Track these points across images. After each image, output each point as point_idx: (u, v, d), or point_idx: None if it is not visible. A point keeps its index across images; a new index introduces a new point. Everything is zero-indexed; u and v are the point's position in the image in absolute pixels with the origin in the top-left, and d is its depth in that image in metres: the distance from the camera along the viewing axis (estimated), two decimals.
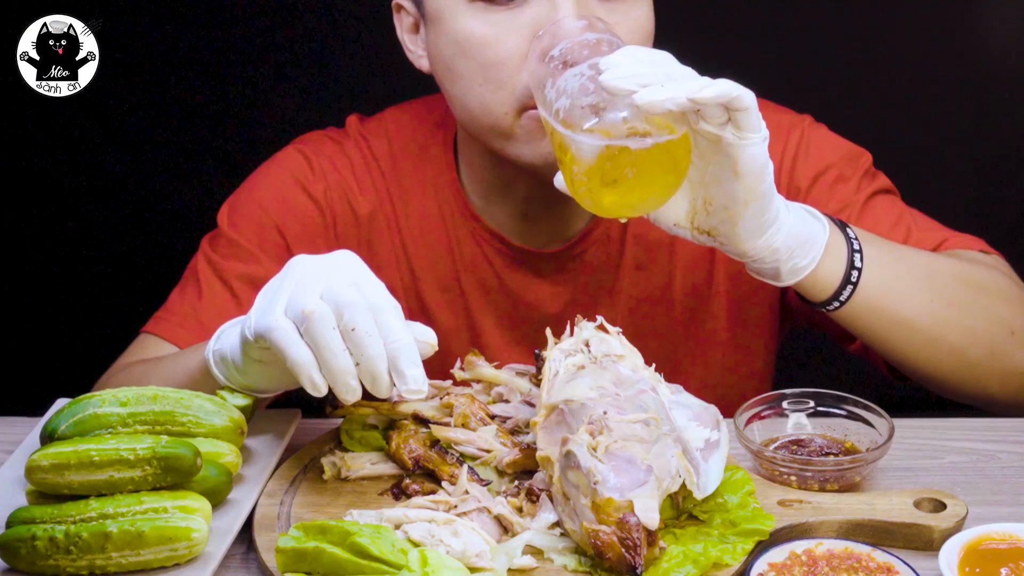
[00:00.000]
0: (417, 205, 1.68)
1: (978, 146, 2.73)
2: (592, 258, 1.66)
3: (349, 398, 1.26)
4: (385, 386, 1.26)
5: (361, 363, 1.25)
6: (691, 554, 1.20)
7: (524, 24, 1.45)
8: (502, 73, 1.47)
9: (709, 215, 1.34)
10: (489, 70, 1.48)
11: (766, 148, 1.29)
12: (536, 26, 1.44)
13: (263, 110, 2.93)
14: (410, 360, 1.26)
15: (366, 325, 1.24)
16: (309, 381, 1.25)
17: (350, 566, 1.16)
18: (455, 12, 1.48)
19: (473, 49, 1.48)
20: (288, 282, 1.28)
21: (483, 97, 1.50)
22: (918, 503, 1.29)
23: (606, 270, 1.66)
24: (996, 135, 2.72)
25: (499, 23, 1.46)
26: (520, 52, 1.46)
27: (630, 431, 1.24)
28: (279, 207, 1.67)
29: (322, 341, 1.24)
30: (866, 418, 1.40)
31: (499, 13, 1.46)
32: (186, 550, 1.21)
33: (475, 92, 1.50)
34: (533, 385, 1.42)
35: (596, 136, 1.26)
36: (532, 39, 1.43)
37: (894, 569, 1.18)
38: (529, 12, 1.45)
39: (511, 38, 1.46)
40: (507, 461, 1.34)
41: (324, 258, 1.31)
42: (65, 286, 3.07)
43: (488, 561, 1.20)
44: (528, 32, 1.44)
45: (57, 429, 1.28)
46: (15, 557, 1.20)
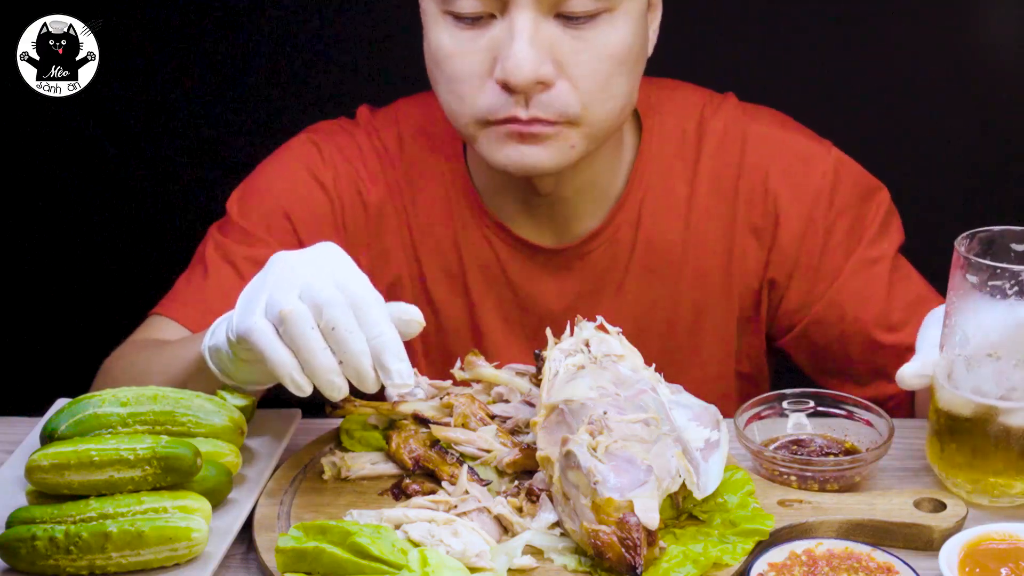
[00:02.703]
0: (426, 196, 1.68)
1: (978, 146, 2.73)
2: (599, 258, 1.66)
3: (335, 395, 1.24)
4: (371, 381, 1.24)
5: (344, 360, 1.23)
6: (691, 554, 1.20)
7: (484, 46, 1.47)
8: (463, 88, 1.49)
9: None
10: (452, 83, 1.50)
11: None
12: (495, 48, 1.45)
13: (264, 110, 2.93)
14: (394, 354, 1.24)
15: (346, 322, 1.23)
16: (291, 382, 1.24)
17: (350, 566, 1.16)
18: (432, 22, 1.51)
19: (441, 61, 1.51)
20: (268, 281, 1.27)
21: (449, 106, 1.53)
22: (918, 503, 1.29)
23: (613, 271, 1.66)
24: (996, 135, 2.72)
25: (463, 40, 1.48)
26: (480, 72, 1.48)
27: (630, 431, 1.24)
28: (288, 194, 1.67)
29: (301, 341, 1.22)
30: (866, 418, 1.40)
31: (464, 31, 1.48)
32: (186, 550, 1.21)
33: (444, 100, 1.54)
34: (533, 385, 1.42)
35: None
36: (492, 61, 1.45)
37: (894, 569, 1.18)
38: (489, 34, 1.47)
39: (472, 57, 1.48)
40: (507, 461, 1.33)
41: (304, 253, 1.30)
42: (65, 286, 3.07)
43: (488, 561, 1.20)
44: (488, 54, 1.46)
45: (57, 429, 1.28)
46: (15, 557, 1.20)
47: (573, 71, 1.46)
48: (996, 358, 1.29)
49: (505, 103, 1.47)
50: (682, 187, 1.65)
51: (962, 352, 1.30)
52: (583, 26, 1.46)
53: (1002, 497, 1.32)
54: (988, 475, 1.31)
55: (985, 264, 1.27)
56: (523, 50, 1.43)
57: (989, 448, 1.30)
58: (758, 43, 2.66)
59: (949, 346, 1.31)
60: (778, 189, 1.65)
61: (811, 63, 2.63)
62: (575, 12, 1.45)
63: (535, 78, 1.44)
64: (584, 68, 1.46)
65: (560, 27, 1.45)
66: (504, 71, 1.44)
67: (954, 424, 1.32)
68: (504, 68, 1.44)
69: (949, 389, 1.32)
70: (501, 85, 1.46)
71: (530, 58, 1.43)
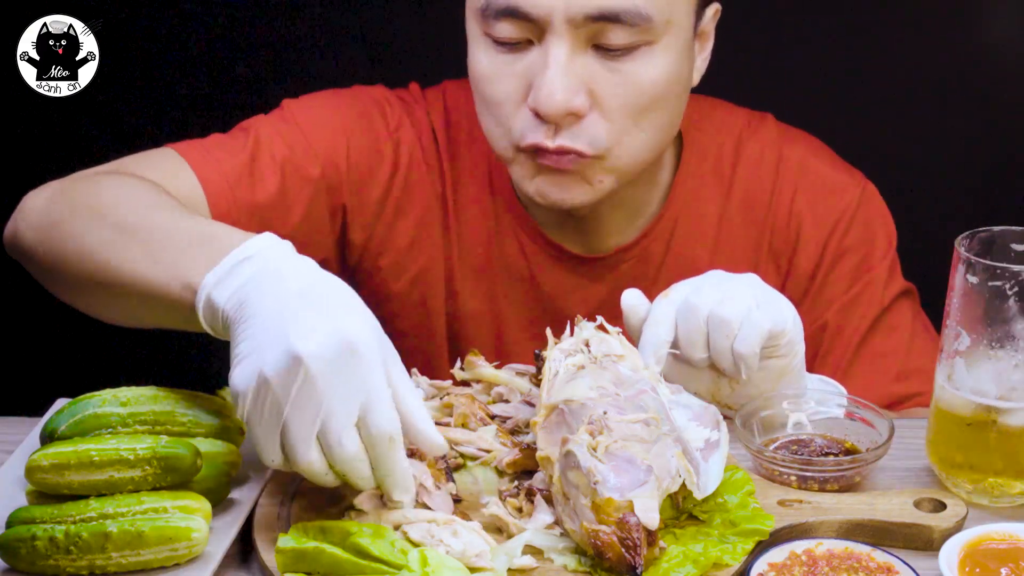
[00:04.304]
0: (466, 185, 1.68)
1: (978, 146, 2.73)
2: (628, 271, 1.66)
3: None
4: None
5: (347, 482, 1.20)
6: (691, 554, 1.20)
7: (520, 71, 1.46)
8: (499, 112, 1.49)
9: (734, 394, 1.39)
10: (489, 105, 1.50)
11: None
12: (530, 75, 1.44)
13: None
14: (402, 490, 1.20)
15: (360, 474, 1.18)
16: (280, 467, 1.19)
17: (350, 566, 1.16)
18: (474, 43, 1.51)
19: (480, 82, 1.51)
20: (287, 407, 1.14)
21: (487, 126, 1.53)
22: (918, 503, 1.29)
23: (640, 284, 1.64)
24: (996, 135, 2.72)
25: (500, 64, 1.48)
26: (515, 97, 1.47)
27: (630, 431, 1.24)
28: (359, 136, 1.64)
29: (313, 480, 1.19)
30: (866, 418, 1.40)
31: (502, 55, 1.47)
32: (186, 550, 1.20)
33: (482, 119, 1.53)
34: (533, 385, 1.42)
35: None
36: (527, 87, 1.45)
37: (894, 569, 1.18)
38: (526, 60, 1.46)
39: (508, 81, 1.48)
40: (507, 461, 1.33)
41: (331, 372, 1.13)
42: None
43: (488, 561, 1.20)
44: (524, 80, 1.46)
45: (57, 429, 1.28)
46: (15, 557, 1.20)
47: (606, 104, 1.45)
48: (996, 358, 1.29)
49: (535, 130, 1.46)
50: (715, 208, 1.65)
51: (962, 352, 1.30)
52: (620, 59, 1.44)
53: (1002, 497, 1.32)
54: (988, 475, 1.31)
55: (985, 264, 1.27)
56: (556, 80, 1.42)
57: (989, 448, 1.30)
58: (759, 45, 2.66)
59: (949, 346, 1.31)
60: (802, 213, 1.64)
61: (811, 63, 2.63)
62: (612, 45, 1.43)
63: (566, 109, 1.43)
64: (617, 101, 1.45)
65: (597, 59, 1.44)
66: (536, 99, 1.44)
67: (954, 424, 1.32)
68: (536, 97, 1.43)
69: (949, 389, 1.32)
70: (533, 112, 1.45)
71: (562, 88, 1.42)
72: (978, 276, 1.28)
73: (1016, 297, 1.27)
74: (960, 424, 1.31)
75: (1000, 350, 1.29)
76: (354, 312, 1.17)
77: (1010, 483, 1.31)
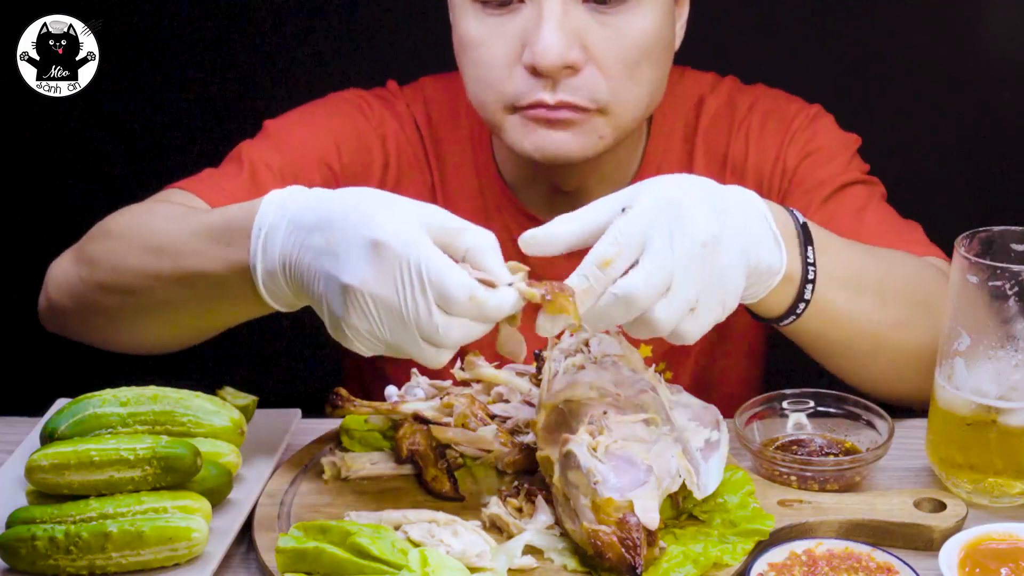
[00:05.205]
0: (453, 175, 1.69)
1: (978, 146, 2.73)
2: None
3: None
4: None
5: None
6: (691, 554, 1.20)
7: (512, 31, 1.47)
8: (491, 75, 1.50)
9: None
10: (480, 69, 1.51)
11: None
12: (524, 34, 1.45)
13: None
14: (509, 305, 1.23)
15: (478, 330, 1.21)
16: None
17: (350, 566, 1.16)
18: (461, 11, 1.51)
19: (468, 49, 1.51)
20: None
21: (476, 94, 1.53)
22: (918, 503, 1.29)
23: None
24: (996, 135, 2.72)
25: (491, 27, 1.48)
26: (508, 58, 1.48)
27: (630, 431, 1.24)
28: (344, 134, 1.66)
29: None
30: (866, 418, 1.41)
31: (492, 17, 1.48)
32: (186, 550, 1.21)
33: (471, 88, 1.54)
34: (533, 385, 1.42)
35: None
36: (521, 46, 1.45)
37: (894, 569, 1.18)
38: (518, 19, 1.47)
39: (500, 43, 1.48)
40: (507, 461, 1.33)
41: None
42: None
43: (488, 561, 1.20)
44: (516, 39, 1.47)
45: (57, 429, 1.28)
46: (15, 557, 1.20)
47: (601, 56, 1.47)
48: (996, 358, 1.29)
49: (532, 88, 1.47)
50: (682, 169, 1.66)
51: (962, 352, 1.30)
52: (611, 12, 1.46)
53: (1002, 497, 1.32)
54: (988, 475, 1.31)
55: (985, 264, 1.27)
56: (551, 34, 1.43)
57: (989, 448, 1.30)
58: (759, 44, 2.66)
59: (949, 346, 1.31)
60: (753, 143, 1.67)
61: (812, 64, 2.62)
62: None
63: (563, 62, 1.44)
64: (612, 54, 1.47)
65: (588, 12, 1.46)
66: (532, 55, 1.44)
67: (954, 424, 1.32)
68: (532, 52, 1.44)
69: (949, 389, 1.32)
70: (529, 70, 1.46)
71: (558, 42, 1.43)
72: (978, 276, 1.28)
73: (1016, 297, 1.27)
74: (960, 424, 1.31)
75: (1000, 350, 1.29)
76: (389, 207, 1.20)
77: (1010, 483, 1.31)
